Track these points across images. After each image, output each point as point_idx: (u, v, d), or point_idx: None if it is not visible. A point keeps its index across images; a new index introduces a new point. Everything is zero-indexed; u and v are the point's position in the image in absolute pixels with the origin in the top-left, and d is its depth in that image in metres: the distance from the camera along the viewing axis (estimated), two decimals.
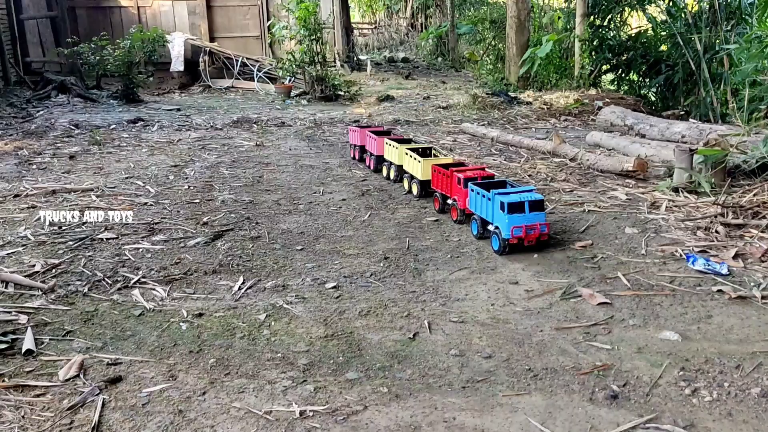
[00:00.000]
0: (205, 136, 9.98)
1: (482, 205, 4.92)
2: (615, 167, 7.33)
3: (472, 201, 5.10)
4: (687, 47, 12.76)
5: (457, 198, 5.41)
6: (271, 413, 2.82)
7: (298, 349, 3.41)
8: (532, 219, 4.66)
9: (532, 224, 4.65)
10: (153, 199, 6.13)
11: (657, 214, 5.63)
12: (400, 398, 2.95)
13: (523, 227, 4.62)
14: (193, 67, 17.31)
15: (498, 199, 4.69)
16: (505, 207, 4.60)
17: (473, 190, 5.05)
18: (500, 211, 4.65)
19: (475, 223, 5.10)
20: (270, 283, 4.26)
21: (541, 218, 4.72)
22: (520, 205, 4.63)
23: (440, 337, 3.54)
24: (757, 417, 2.74)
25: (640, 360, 3.25)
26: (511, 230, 4.58)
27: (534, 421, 2.75)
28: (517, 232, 4.60)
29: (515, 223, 4.60)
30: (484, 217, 4.91)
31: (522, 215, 4.63)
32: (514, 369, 3.20)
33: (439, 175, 5.76)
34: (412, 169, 6.38)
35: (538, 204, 4.72)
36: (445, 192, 5.65)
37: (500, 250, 4.70)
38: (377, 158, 7.40)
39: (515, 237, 4.61)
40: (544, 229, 4.73)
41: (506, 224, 4.59)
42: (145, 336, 3.53)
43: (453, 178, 5.48)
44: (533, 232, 4.67)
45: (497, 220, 4.71)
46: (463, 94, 15.24)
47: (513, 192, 4.81)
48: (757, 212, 5.45)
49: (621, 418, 2.77)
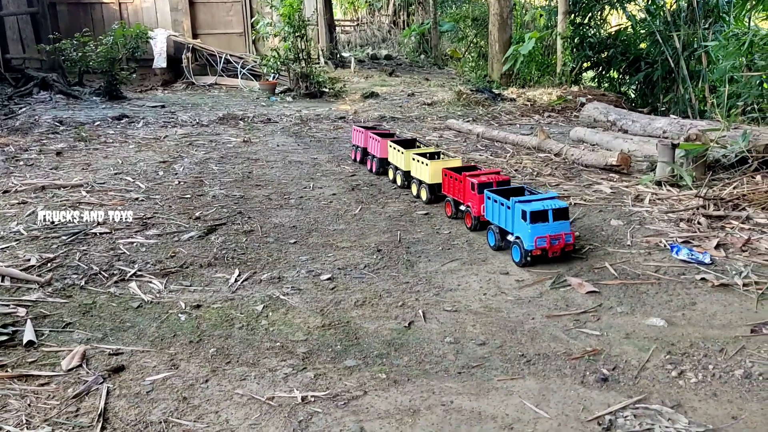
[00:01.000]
0: (192, 132, 9.97)
1: (500, 213, 4.62)
2: (599, 162, 7.48)
3: (489, 209, 4.80)
4: (666, 45, 12.99)
5: (471, 205, 5.11)
6: (274, 399, 2.89)
7: (297, 338, 3.48)
8: (556, 228, 4.33)
9: (557, 234, 4.32)
10: (144, 195, 6.15)
11: (641, 206, 5.77)
12: (398, 384, 3.04)
13: (547, 237, 4.28)
14: (175, 63, 17.22)
15: (519, 208, 4.36)
16: (527, 216, 4.27)
17: (490, 198, 4.75)
18: (522, 221, 4.33)
19: (492, 233, 4.75)
20: (265, 276, 4.32)
21: (565, 227, 4.39)
22: (543, 214, 4.31)
23: (435, 325, 3.63)
24: (740, 397, 2.87)
25: (629, 345, 3.37)
26: (534, 241, 4.24)
27: (528, 403, 2.85)
28: (541, 243, 4.26)
29: (539, 234, 4.27)
30: (502, 226, 4.60)
31: (546, 225, 4.30)
32: (508, 355, 3.30)
33: (450, 179, 5.48)
34: (420, 173, 6.07)
35: (563, 212, 4.39)
36: (458, 198, 5.37)
37: (522, 261, 4.37)
38: (380, 161, 7.08)
39: (539, 248, 4.27)
40: (569, 239, 4.39)
41: (529, 234, 4.26)
42: (144, 327, 3.58)
43: (466, 183, 5.18)
44: (558, 242, 4.34)
45: (518, 229, 4.39)
46: (447, 91, 15.36)
47: (535, 199, 4.48)
48: (737, 204, 5.62)
49: (611, 399, 2.88)
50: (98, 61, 13.71)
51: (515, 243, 4.42)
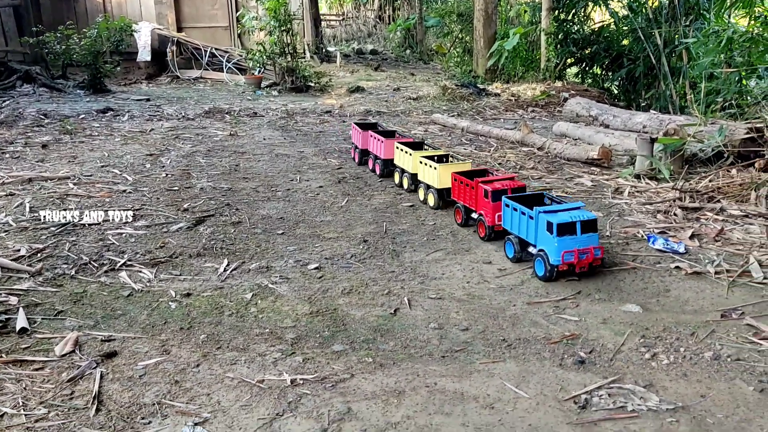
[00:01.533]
0: (178, 126, 9.99)
1: (521, 223, 4.32)
2: (581, 156, 7.63)
3: (507, 218, 4.51)
4: (648, 42, 13.19)
5: (484, 213, 4.82)
6: (264, 382, 2.99)
7: (285, 325, 3.58)
8: (584, 242, 4.03)
9: (585, 248, 4.02)
10: (131, 187, 6.20)
11: (620, 198, 5.93)
12: (384, 367, 3.15)
13: (575, 251, 3.98)
14: (160, 57, 17.16)
15: (544, 219, 4.07)
16: (554, 228, 3.98)
17: (508, 206, 4.47)
18: (547, 233, 4.04)
19: (510, 244, 4.44)
20: (254, 265, 4.41)
21: (594, 241, 4.08)
22: (571, 226, 4.00)
23: (420, 312, 3.75)
24: (709, 377, 3.01)
25: (605, 330, 3.51)
26: (561, 255, 3.95)
27: (509, 384, 2.98)
28: (568, 258, 3.97)
29: (566, 248, 3.97)
30: (523, 237, 4.32)
31: (573, 238, 4.00)
32: (490, 340, 3.42)
33: (461, 185, 5.18)
34: (428, 177, 5.76)
35: (592, 224, 4.08)
36: (469, 205, 5.07)
37: (546, 276, 4.07)
38: (384, 162, 6.73)
39: (566, 263, 3.98)
40: (598, 253, 4.08)
41: (555, 248, 3.96)
42: (135, 315, 3.66)
43: (479, 190, 4.88)
44: (586, 256, 4.03)
45: (543, 242, 4.09)
46: (433, 86, 15.48)
47: (560, 210, 4.17)
48: (712, 197, 5.80)
49: (588, 380, 3.01)
50: (82, 54, 13.65)
51: (539, 256, 4.11)
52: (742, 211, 5.31)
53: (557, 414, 2.75)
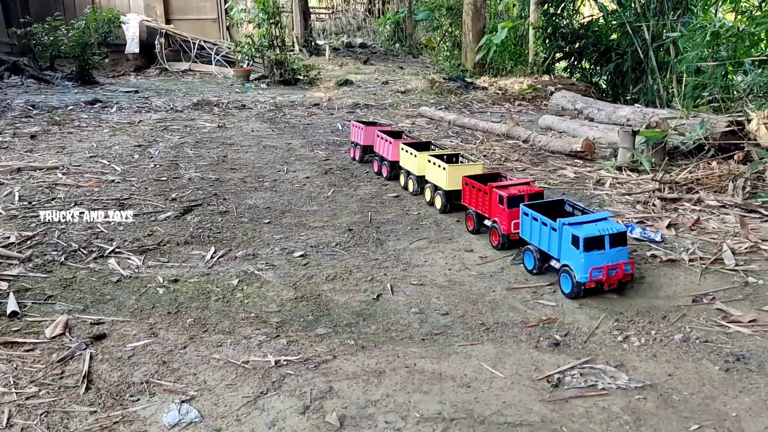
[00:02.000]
0: (166, 117, 10.03)
1: (542, 234, 4.02)
2: (564, 148, 7.76)
3: (526, 227, 4.20)
4: (636, 36, 13.33)
5: (499, 220, 4.53)
6: (249, 363, 3.08)
7: (270, 310, 3.67)
8: (614, 257, 3.72)
9: (615, 264, 3.70)
10: (120, 177, 6.26)
11: (602, 190, 6.06)
12: (365, 349, 3.25)
13: (604, 268, 3.67)
14: (148, 49, 17.13)
15: (569, 232, 3.76)
16: (580, 243, 3.67)
17: (528, 215, 4.15)
18: (572, 247, 3.73)
19: (530, 255, 4.14)
20: (240, 253, 4.49)
21: (623, 255, 3.78)
22: (599, 240, 3.69)
23: (401, 297, 3.85)
24: (678, 357, 3.14)
25: (581, 314, 3.63)
26: (589, 272, 3.65)
27: (486, 365, 3.09)
28: (597, 275, 3.66)
29: (594, 264, 3.66)
30: (544, 249, 4.02)
31: (602, 253, 3.69)
32: (469, 324, 3.53)
33: (473, 189, 4.87)
34: (435, 178, 5.50)
35: (621, 237, 3.78)
36: (482, 211, 4.77)
37: (573, 294, 3.75)
38: (391, 164, 6.43)
39: (594, 280, 3.68)
40: (628, 268, 3.78)
41: (582, 264, 3.66)
42: (124, 299, 3.74)
43: (492, 195, 4.60)
44: (615, 273, 3.72)
45: (568, 257, 3.78)
46: (421, 80, 15.56)
47: (586, 221, 3.85)
48: (691, 188, 5.94)
49: (561, 360, 3.13)
50: (70, 46, 13.62)
51: (564, 272, 3.81)
52: (719, 201, 5.45)
53: (531, 392, 2.86)
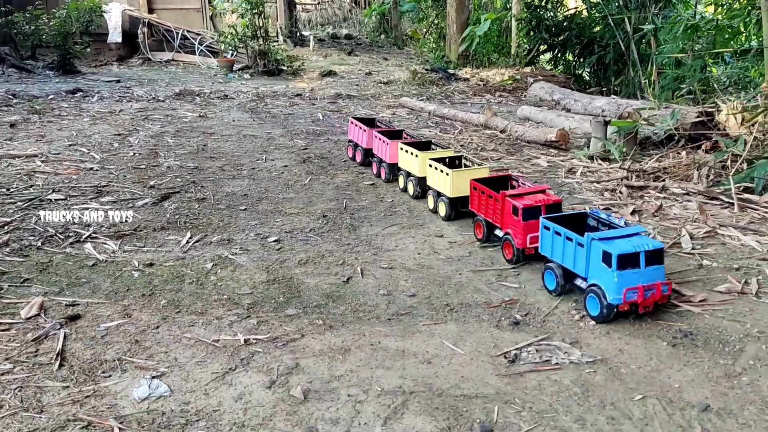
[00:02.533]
0: (148, 107, 10.07)
1: (566, 250, 3.66)
2: (540, 138, 7.91)
3: (546, 242, 3.83)
4: (618, 29, 13.48)
5: (512, 232, 4.16)
6: (219, 341, 3.20)
7: (243, 292, 3.78)
8: (650, 276, 3.38)
9: (651, 284, 3.37)
10: (99, 165, 6.33)
11: (572, 178, 6.22)
12: (333, 329, 3.37)
13: (639, 289, 3.32)
14: (131, 39, 17.07)
15: (599, 248, 3.41)
16: (613, 260, 3.32)
17: (549, 228, 3.78)
18: (603, 265, 3.38)
19: (551, 274, 3.77)
20: (216, 238, 4.60)
21: (660, 274, 3.44)
22: (634, 258, 3.35)
23: (371, 280, 3.98)
24: (629, 334, 3.29)
25: (542, 295, 3.77)
26: (623, 293, 3.30)
27: (447, 343, 3.22)
28: (632, 296, 3.32)
29: (628, 284, 3.31)
30: (568, 267, 3.65)
31: (636, 271, 3.35)
32: (434, 304, 3.67)
33: (482, 196, 4.52)
34: (438, 183, 5.11)
35: (657, 255, 3.43)
36: (493, 220, 4.42)
37: (603, 317, 3.39)
38: (390, 166, 6.06)
39: (628, 302, 3.33)
40: (665, 289, 3.44)
41: (615, 285, 3.30)
42: (99, 282, 3.83)
43: (506, 205, 4.23)
44: (652, 294, 3.37)
45: (598, 276, 3.44)
46: (404, 71, 15.65)
47: (618, 236, 3.50)
48: (658, 176, 6.11)
49: (520, 338, 3.27)
50: (51, 35, 13.57)
51: (591, 292, 3.45)
52: (684, 189, 5.62)
53: (488, 367, 3.00)
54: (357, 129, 6.64)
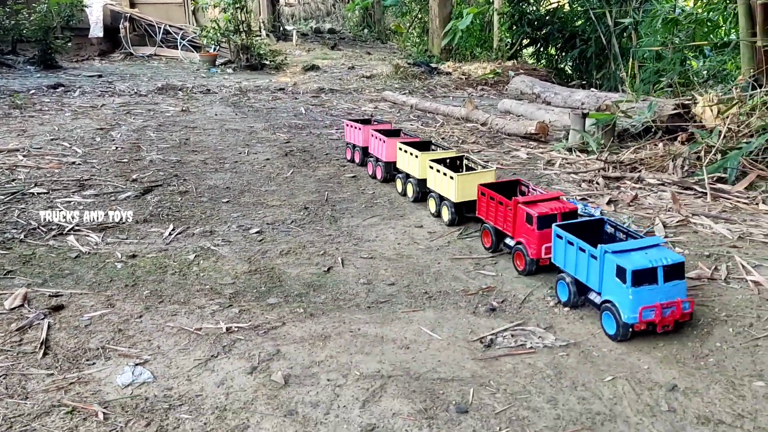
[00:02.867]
0: (130, 101, 10.04)
1: (579, 262, 3.41)
2: (520, 131, 8.02)
3: (559, 252, 3.58)
4: (599, 23, 13.62)
5: (525, 242, 3.91)
6: (201, 330, 3.26)
7: (225, 282, 3.84)
8: (669, 293, 3.11)
9: (671, 301, 3.10)
10: (81, 159, 6.33)
11: (551, 169, 6.33)
12: (314, 316, 3.45)
13: (657, 307, 3.06)
14: (113, 33, 16.96)
15: (613, 262, 3.15)
16: (628, 275, 3.06)
17: (562, 237, 3.54)
18: (617, 281, 3.13)
19: (564, 285, 3.54)
20: (198, 230, 4.64)
21: (681, 291, 3.16)
22: (651, 273, 3.08)
23: (351, 270, 4.05)
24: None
25: (519, 283, 3.87)
26: (638, 312, 3.05)
27: (425, 329, 3.31)
28: (648, 315, 3.07)
29: (645, 302, 3.06)
30: (581, 280, 3.42)
31: (654, 288, 3.09)
32: (413, 293, 3.75)
33: (491, 202, 4.25)
34: (441, 187, 4.85)
35: (678, 269, 3.14)
36: (503, 228, 4.14)
37: (619, 337, 3.13)
38: (386, 165, 5.85)
39: (644, 321, 3.08)
40: (686, 307, 3.15)
41: (630, 302, 3.06)
42: (82, 274, 3.87)
43: (518, 212, 3.96)
44: (671, 312, 3.10)
45: (612, 291, 3.18)
46: (387, 65, 15.70)
47: (634, 248, 3.23)
48: (635, 167, 6.24)
49: (496, 324, 3.37)
50: (32, 30, 13.46)
51: (606, 309, 3.21)
52: (659, 180, 5.75)
53: (464, 352, 3.09)
54: (352, 129, 6.47)
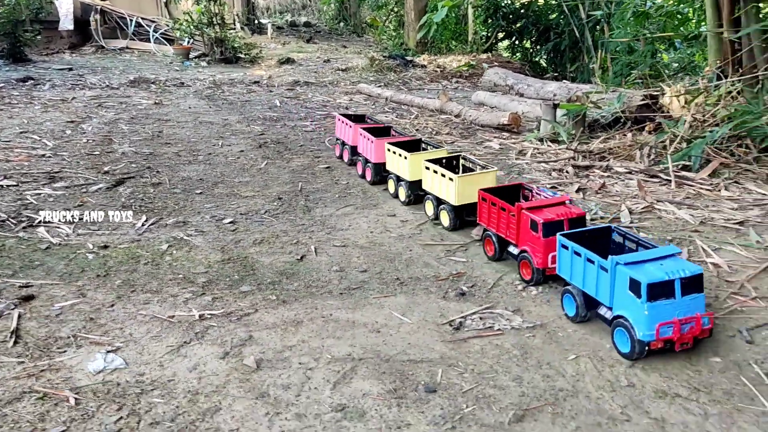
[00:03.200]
0: (101, 94, 9.93)
1: (587, 274, 3.16)
2: (493, 122, 8.11)
3: (565, 262, 3.33)
4: (572, 16, 13.77)
5: (531, 250, 3.69)
6: (174, 317, 3.28)
7: (198, 271, 3.86)
8: (688, 307, 2.87)
9: (689, 317, 2.86)
10: (51, 151, 6.27)
11: (522, 159, 6.42)
12: (286, 303, 3.48)
13: (675, 323, 2.82)
14: (83, 26, 16.70)
15: (626, 274, 2.91)
16: (643, 289, 2.82)
17: (568, 248, 3.29)
18: (630, 294, 2.89)
19: (570, 299, 3.29)
20: (171, 221, 4.64)
21: (700, 305, 2.92)
22: (667, 286, 2.84)
23: (324, 258, 4.09)
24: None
25: (488, 269, 3.95)
26: (655, 329, 2.80)
27: (396, 314, 3.37)
28: (666, 332, 2.82)
29: (662, 317, 2.82)
30: (590, 293, 3.17)
31: (671, 302, 2.85)
32: (385, 279, 3.81)
33: (493, 208, 4.01)
34: (439, 189, 4.59)
35: (696, 282, 2.90)
36: (506, 235, 3.91)
37: (633, 355, 2.88)
38: (375, 167, 5.57)
39: (662, 339, 2.83)
40: (706, 322, 2.91)
41: (646, 318, 2.81)
42: (53, 265, 3.86)
43: (522, 219, 3.75)
44: (690, 328, 2.86)
45: (624, 306, 2.94)
46: (362, 58, 15.71)
47: (648, 259, 2.98)
48: (604, 156, 6.36)
49: (465, 308, 3.44)
50: (0, 23, 13.18)
51: (619, 325, 2.96)
52: (626, 168, 5.88)
53: (434, 335, 3.16)
54: (343, 125, 6.25)
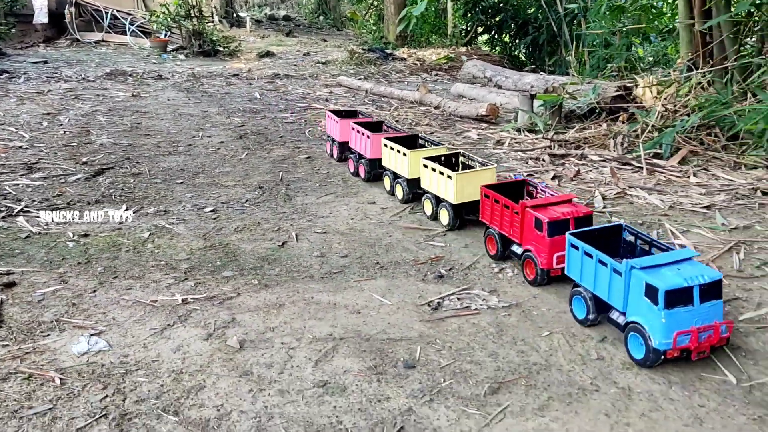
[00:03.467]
0: (77, 87, 9.85)
1: (599, 276, 3.03)
2: (471, 113, 8.21)
3: (575, 263, 3.20)
4: (550, 10, 13.92)
5: (535, 250, 3.56)
6: (157, 302, 3.32)
7: (180, 258, 3.89)
8: (706, 315, 2.74)
9: (708, 325, 2.73)
10: (28, 143, 6.23)
11: (500, 149, 6.53)
12: (268, 287, 3.54)
13: (693, 332, 2.69)
14: (58, 19, 16.49)
15: (641, 279, 2.77)
16: (660, 296, 2.68)
17: (578, 248, 3.15)
18: (646, 300, 2.76)
19: (580, 301, 3.16)
20: (152, 210, 4.67)
21: (718, 312, 2.78)
22: (685, 293, 2.71)
23: (305, 244, 4.15)
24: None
25: (466, 252, 4.04)
26: (673, 337, 2.68)
27: (376, 296, 3.44)
28: (684, 341, 2.70)
29: (680, 326, 2.69)
30: (601, 296, 3.03)
31: (690, 310, 2.71)
32: (365, 263, 3.88)
33: (496, 205, 3.89)
34: (438, 188, 4.46)
35: (715, 288, 2.77)
36: (509, 234, 3.79)
37: (648, 363, 2.76)
38: (370, 162, 5.41)
39: (678, 348, 2.71)
40: (724, 330, 2.79)
41: (662, 326, 2.68)
42: (33, 253, 3.87)
43: (527, 216, 3.62)
44: (708, 336, 2.74)
45: (639, 312, 2.81)
46: (342, 51, 15.73)
47: (664, 263, 2.85)
48: (579, 145, 6.49)
49: (443, 289, 3.52)
50: None
51: (633, 331, 2.83)
52: (600, 156, 6.01)
53: (413, 315, 3.24)
54: (332, 121, 6.08)
